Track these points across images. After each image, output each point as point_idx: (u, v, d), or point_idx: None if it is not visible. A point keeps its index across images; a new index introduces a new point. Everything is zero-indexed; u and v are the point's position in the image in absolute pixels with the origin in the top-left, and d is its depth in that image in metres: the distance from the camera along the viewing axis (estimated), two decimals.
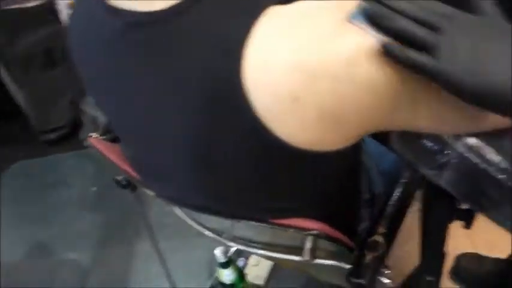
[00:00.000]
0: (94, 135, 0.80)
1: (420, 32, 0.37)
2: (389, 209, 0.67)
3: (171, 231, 1.34)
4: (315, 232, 0.53)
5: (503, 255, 1.06)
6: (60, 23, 1.67)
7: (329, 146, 0.43)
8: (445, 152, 0.51)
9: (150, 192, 0.67)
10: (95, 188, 1.70)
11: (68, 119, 1.86)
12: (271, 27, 0.39)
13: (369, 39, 0.37)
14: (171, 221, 0.78)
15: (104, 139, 0.81)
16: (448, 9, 0.38)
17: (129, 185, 0.74)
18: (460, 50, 0.36)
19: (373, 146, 0.71)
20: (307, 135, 0.41)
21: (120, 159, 0.69)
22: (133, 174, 0.66)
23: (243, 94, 0.39)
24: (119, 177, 0.75)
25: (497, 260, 1.08)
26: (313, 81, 0.37)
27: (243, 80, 0.38)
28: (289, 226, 0.54)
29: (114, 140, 0.77)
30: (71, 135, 1.86)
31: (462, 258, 1.14)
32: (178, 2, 0.41)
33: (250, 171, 0.47)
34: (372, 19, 0.38)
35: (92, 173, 1.71)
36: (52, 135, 1.85)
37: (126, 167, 0.67)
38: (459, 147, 0.50)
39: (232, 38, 0.39)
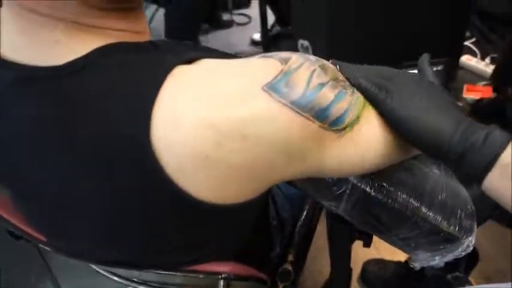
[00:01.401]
0: None
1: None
2: (296, 236, 0.70)
3: (81, 271, 1.26)
4: (224, 275, 0.53)
5: (403, 259, 1.17)
6: None
7: (243, 199, 0.43)
8: (340, 183, 0.55)
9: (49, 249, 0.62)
10: None
11: None
12: (179, 87, 0.38)
13: (277, 103, 0.38)
14: None
15: None
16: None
17: (22, 237, 0.68)
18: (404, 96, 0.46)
19: None
20: (220, 191, 0.40)
21: (13, 215, 0.62)
22: (30, 231, 0.61)
23: (152, 153, 0.37)
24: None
25: (398, 264, 1.18)
26: (223, 140, 0.37)
27: (152, 140, 0.37)
28: (198, 271, 0.53)
29: None
30: None
31: (368, 263, 1.23)
32: (77, 57, 0.39)
33: (163, 228, 0.45)
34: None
35: None
36: None
37: (20, 224, 0.61)
38: (352, 178, 0.54)
39: (139, 99, 0.38)
